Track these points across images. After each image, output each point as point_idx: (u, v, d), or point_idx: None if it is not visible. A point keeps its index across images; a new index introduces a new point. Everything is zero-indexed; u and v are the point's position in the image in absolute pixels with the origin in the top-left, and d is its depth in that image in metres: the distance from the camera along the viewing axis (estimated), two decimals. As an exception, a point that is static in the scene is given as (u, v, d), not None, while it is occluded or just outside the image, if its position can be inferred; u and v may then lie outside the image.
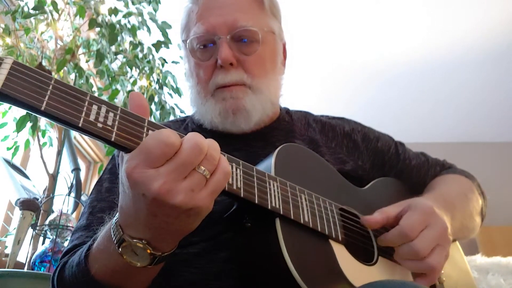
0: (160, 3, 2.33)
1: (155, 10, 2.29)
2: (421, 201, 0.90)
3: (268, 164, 0.81)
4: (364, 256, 0.87)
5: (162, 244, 0.61)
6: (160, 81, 2.43)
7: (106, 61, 2.19)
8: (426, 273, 0.83)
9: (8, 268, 1.78)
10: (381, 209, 0.89)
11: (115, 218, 0.63)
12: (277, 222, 0.72)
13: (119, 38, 2.17)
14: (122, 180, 0.59)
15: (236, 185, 0.68)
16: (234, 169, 0.70)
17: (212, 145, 0.58)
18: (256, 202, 0.70)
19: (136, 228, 0.59)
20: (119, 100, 2.50)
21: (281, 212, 0.73)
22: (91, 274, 0.69)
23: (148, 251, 0.60)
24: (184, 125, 1.12)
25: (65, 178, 2.17)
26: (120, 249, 0.60)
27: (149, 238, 0.60)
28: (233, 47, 0.99)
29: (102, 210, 0.91)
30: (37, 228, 1.98)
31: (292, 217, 0.74)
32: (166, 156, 0.54)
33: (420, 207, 0.87)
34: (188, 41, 1.04)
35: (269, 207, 0.72)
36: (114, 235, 0.62)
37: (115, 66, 2.39)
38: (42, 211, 2.01)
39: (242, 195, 0.69)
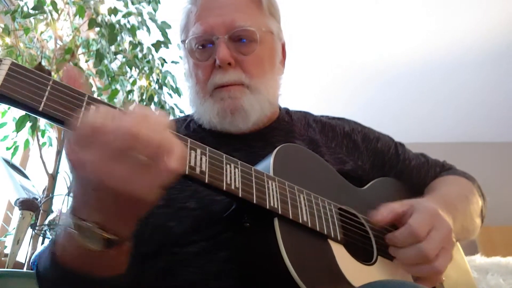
0: (159, 3, 2.33)
1: (155, 10, 2.30)
2: (424, 202, 0.90)
3: (267, 164, 0.81)
4: (363, 256, 0.87)
5: (114, 227, 0.59)
6: (160, 81, 2.43)
7: (105, 61, 2.20)
8: (429, 276, 0.83)
9: (7, 268, 1.78)
10: (387, 206, 0.88)
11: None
12: (276, 222, 0.72)
13: (118, 38, 2.17)
14: None
15: (234, 185, 0.69)
16: (232, 169, 0.70)
17: (157, 126, 0.55)
18: (255, 202, 0.70)
19: (85, 211, 0.58)
20: (118, 100, 2.50)
21: (280, 212, 0.73)
22: (57, 259, 0.67)
23: (101, 233, 0.58)
24: (185, 124, 1.13)
25: (65, 178, 2.17)
26: (75, 232, 0.59)
27: (99, 220, 0.58)
28: (231, 47, 0.99)
29: None
30: (37, 228, 1.98)
31: (290, 217, 0.74)
32: (96, 139, 0.51)
33: (425, 209, 0.86)
34: (187, 42, 1.04)
35: (268, 206, 0.72)
36: (69, 218, 0.60)
37: (114, 66, 2.39)
38: (41, 211, 2.02)
39: (240, 195, 0.69)
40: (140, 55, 2.35)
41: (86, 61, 2.36)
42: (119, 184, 0.52)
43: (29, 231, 1.96)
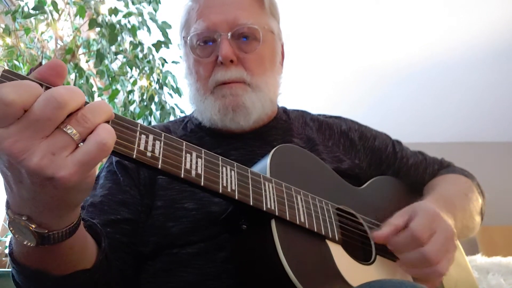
0: (160, 3, 2.32)
1: (155, 10, 2.29)
2: (425, 205, 0.89)
3: (264, 165, 0.81)
4: (362, 255, 0.87)
5: (44, 220, 0.54)
6: (160, 81, 2.43)
7: (106, 61, 2.20)
8: (431, 279, 0.83)
9: (8, 268, 1.78)
10: (388, 222, 0.88)
11: None
12: (273, 224, 0.72)
13: (119, 38, 2.17)
14: None
15: (230, 187, 0.68)
16: (228, 171, 0.70)
17: (91, 106, 0.51)
18: (251, 204, 0.70)
19: (14, 202, 0.53)
20: (119, 100, 2.50)
21: (277, 213, 0.73)
22: (12, 254, 0.65)
23: (31, 228, 0.53)
24: (183, 125, 1.13)
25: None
26: (10, 227, 0.55)
27: (28, 213, 0.53)
28: (233, 44, 0.99)
29: (92, 205, 0.90)
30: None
31: (287, 218, 0.74)
32: (8, 115, 0.46)
33: (427, 211, 0.86)
34: (188, 38, 1.04)
35: (264, 208, 0.71)
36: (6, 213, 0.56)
37: (115, 66, 2.39)
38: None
39: (236, 197, 0.69)
40: (140, 55, 2.34)
41: (87, 61, 2.36)
42: (43, 161, 0.47)
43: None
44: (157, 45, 2.31)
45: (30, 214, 0.53)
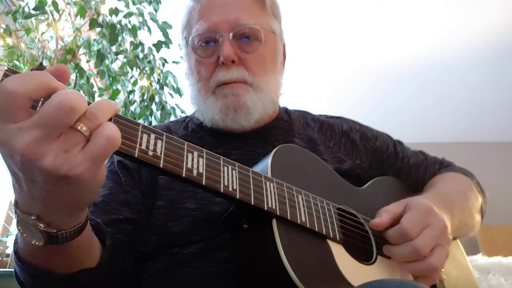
0: (160, 3, 2.32)
1: (156, 10, 2.29)
2: (420, 200, 0.90)
3: (265, 165, 0.81)
4: (363, 255, 0.87)
5: (54, 219, 0.55)
6: (161, 81, 2.43)
7: (106, 61, 2.19)
8: (427, 273, 0.83)
9: (9, 268, 1.78)
10: (385, 209, 0.89)
11: None
12: (274, 223, 0.72)
13: (119, 38, 2.17)
14: None
15: (232, 187, 0.69)
16: (230, 171, 0.70)
17: (97, 103, 0.51)
18: (252, 203, 0.70)
19: (24, 201, 0.53)
20: (119, 100, 2.50)
21: (278, 213, 0.73)
22: (17, 252, 0.65)
23: (39, 227, 0.54)
24: (184, 125, 1.13)
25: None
26: (18, 226, 0.55)
27: (37, 212, 0.53)
28: (234, 45, 1.00)
29: (94, 204, 0.90)
30: (38, 228, 1.98)
31: (289, 218, 0.74)
32: (14, 106, 0.46)
33: (420, 206, 0.87)
34: (189, 39, 1.05)
35: (266, 208, 0.71)
36: (14, 212, 0.56)
37: (115, 66, 2.39)
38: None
39: (238, 197, 0.69)
40: (141, 55, 2.34)
41: (87, 62, 2.36)
42: (57, 160, 0.47)
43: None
44: (158, 45, 2.31)
45: (39, 213, 0.53)
